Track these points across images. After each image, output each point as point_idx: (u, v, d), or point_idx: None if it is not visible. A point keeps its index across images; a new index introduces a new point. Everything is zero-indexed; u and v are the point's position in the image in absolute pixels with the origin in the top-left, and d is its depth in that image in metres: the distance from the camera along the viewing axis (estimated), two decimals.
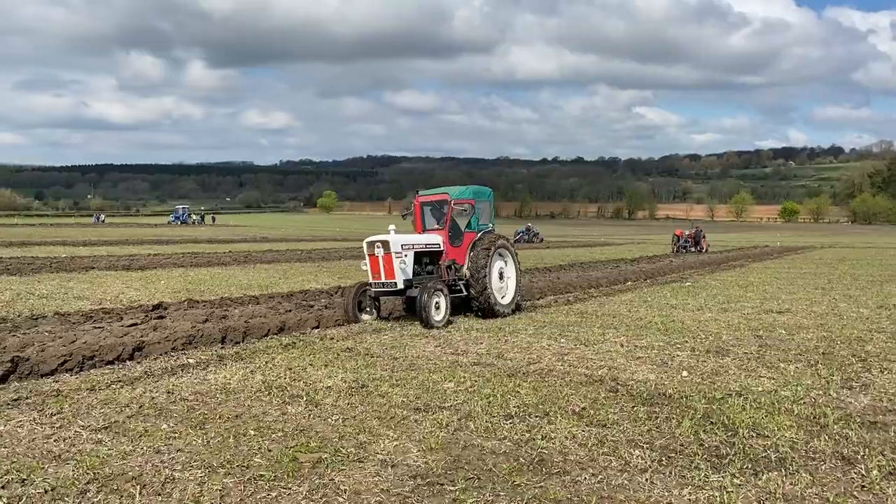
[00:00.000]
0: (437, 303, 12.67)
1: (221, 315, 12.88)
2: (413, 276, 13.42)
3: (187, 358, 9.77)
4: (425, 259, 14.03)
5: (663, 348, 10.88)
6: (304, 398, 7.63)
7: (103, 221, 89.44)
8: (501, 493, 5.14)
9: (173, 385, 8.17)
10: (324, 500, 4.98)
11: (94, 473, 5.36)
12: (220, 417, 6.94)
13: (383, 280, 13.18)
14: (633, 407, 7.44)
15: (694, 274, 27.06)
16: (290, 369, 9.06)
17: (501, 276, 14.54)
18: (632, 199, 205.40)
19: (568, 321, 13.65)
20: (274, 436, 6.35)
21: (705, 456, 5.98)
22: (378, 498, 5.04)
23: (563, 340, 11.43)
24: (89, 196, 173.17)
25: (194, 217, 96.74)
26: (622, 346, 11.04)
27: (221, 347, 10.54)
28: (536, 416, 7.03)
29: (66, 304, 14.66)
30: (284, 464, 5.61)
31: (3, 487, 5.07)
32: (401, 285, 13.12)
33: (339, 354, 10.06)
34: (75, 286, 18.41)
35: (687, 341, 11.52)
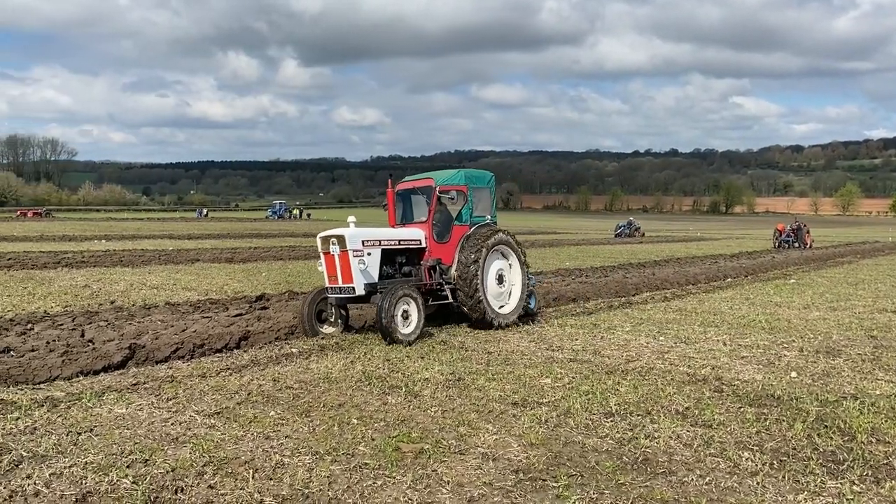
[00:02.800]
0: (404, 311, 10.37)
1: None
2: (382, 278, 11.11)
3: (290, 347, 10.10)
4: (400, 258, 11.66)
5: (769, 348, 10.45)
6: (403, 389, 7.75)
7: (206, 216, 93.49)
8: (606, 492, 5.07)
9: (278, 373, 8.47)
10: (427, 490, 5.05)
11: (210, 457, 5.62)
12: (323, 405, 7.14)
13: (340, 284, 10.78)
14: (740, 408, 7.18)
15: (798, 270, 25.85)
16: (388, 360, 9.22)
17: (501, 280, 12.13)
18: (729, 193, 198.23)
19: (666, 318, 13.31)
20: (376, 425, 6.48)
21: (820, 461, 5.71)
22: (481, 491, 5.06)
23: (661, 338, 11.15)
24: (192, 191, 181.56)
25: (295, 212, 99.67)
26: (725, 344, 10.67)
27: (322, 337, 10.83)
28: (638, 415, 6.89)
29: (175, 295, 15.44)
30: (388, 453, 5.72)
31: (128, 467, 5.39)
32: (361, 291, 10.63)
33: (434, 347, 10.17)
34: (183, 277, 19.36)
35: (794, 341, 11.02)
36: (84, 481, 5.10)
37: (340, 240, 10.71)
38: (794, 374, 8.73)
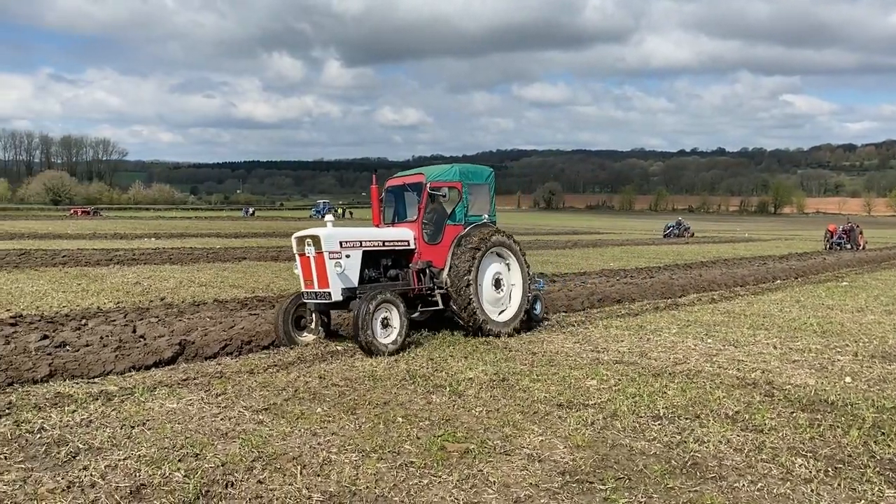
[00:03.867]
0: (384, 319, 9.54)
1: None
2: (364, 282, 10.29)
3: (336, 345, 10.20)
4: (386, 260, 10.79)
5: (821, 352, 10.18)
6: (447, 388, 7.76)
7: (252, 214, 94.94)
8: (654, 496, 5.00)
9: (324, 371, 8.56)
10: (473, 490, 5.04)
11: (259, 452, 5.71)
12: (369, 403, 7.19)
13: (316, 289, 9.99)
14: (793, 413, 7.01)
15: (851, 273, 25.14)
16: (432, 359, 9.25)
17: (498, 285, 11.21)
18: (778, 193, 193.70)
19: (714, 320, 13.07)
20: (421, 424, 6.50)
21: (878, 469, 5.54)
22: (527, 492, 5.04)
23: (709, 340, 10.95)
24: (238, 191, 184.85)
25: (339, 211, 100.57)
26: (775, 348, 10.43)
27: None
28: (686, 419, 6.78)
29: (223, 292, 15.73)
30: (433, 452, 5.73)
31: (180, 460, 5.51)
32: (338, 297, 9.81)
33: (477, 347, 10.15)
34: (230, 275, 19.71)
35: (848, 345, 10.72)
36: (138, 474, 5.22)
37: (315, 240, 9.87)
38: (848, 379, 8.49)
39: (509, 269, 11.46)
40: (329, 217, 10.61)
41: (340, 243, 9.95)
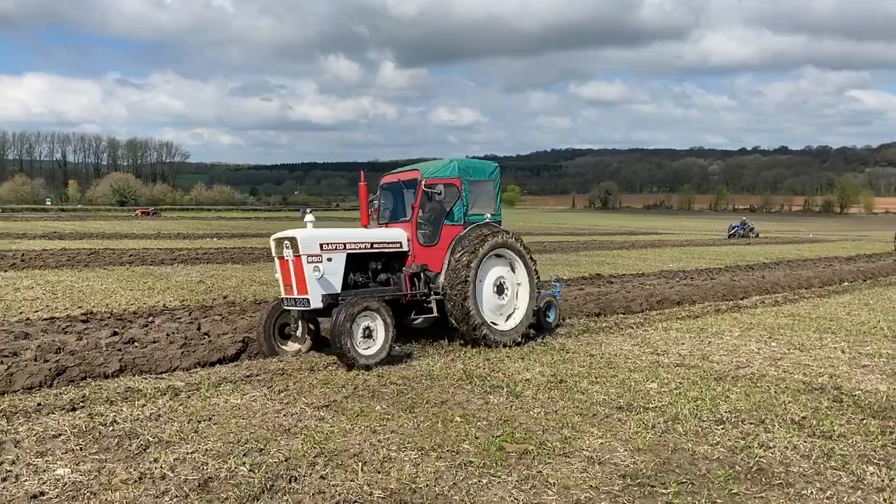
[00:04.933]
0: (366, 328, 8.82)
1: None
2: (349, 288, 9.57)
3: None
4: (375, 264, 10.02)
5: (893, 357, 9.81)
6: (505, 389, 7.75)
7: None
8: (718, 501, 4.91)
9: (382, 369, 8.65)
10: (533, 491, 5.04)
11: (321, 448, 5.81)
12: (426, 402, 7.25)
13: (295, 295, 9.31)
14: (863, 419, 6.78)
15: None
16: (488, 360, 9.25)
17: (501, 291, 10.30)
18: (844, 192, 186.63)
19: (778, 323, 12.71)
20: (479, 424, 6.52)
21: None
22: (587, 494, 5.01)
23: (773, 344, 10.67)
24: (296, 192, 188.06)
25: None
26: (843, 352, 10.09)
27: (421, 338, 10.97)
28: (751, 423, 6.62)
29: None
30: (492, 452, 5.74)
31: (245, 455, 5.65)
32: (317, 303, 9.08)
33: (534, 348, 10.12)
34: None
35: None
36: (205, 467, 5.38)
37: (293, 243, 9.18)
38: None
39: (515, 273, 10.57)
40: (309, 217, 9.69)
41: (321, 245, 9.23)
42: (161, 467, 5.36)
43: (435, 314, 9.89)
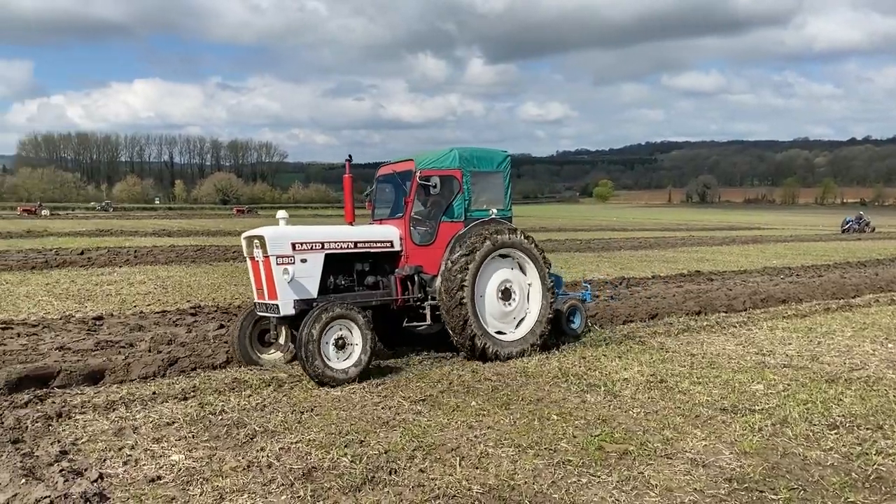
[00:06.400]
0: (338, 339, 7.94)
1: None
2: (329, 292, 8.66)
3: None
4: (362, 266, 9.08)
5: None
6: (602, 388, 7.62)
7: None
8: None
9: (477, 365, 8.68)
10: (634, 492, 4.93)
11: (419, 442, 5.89)
12: (522, 399, 7.22)
13: (266, 300, 8.47)
14: None
15: None
16: (584, 358, 9.12)
17: (508, 296, 9.23)
18: None
19: (895, 324, 11.95)
20: (576, 422, 6.44)
21: None
22: (692, 497, 4.86)
23: (891, 345, 10.04)
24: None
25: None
26: None
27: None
28: (867, 429, 6.26)
29: None
30: (591, 452, 5.66)
31: (346, 446, 5.79)
32: (288, 310, 8.21)
33: (631, 347, 9.90)
34: None
35: None
36: (309, 457, 5.56)
37: (262, 242, 8.38)
38: None
39: (526, 276, 9.45)
40: (281, 214, 8.88)
41: (293, 245, 8.34)
42: (267, 456, 5.57)
43: (429, 322, 8.97)
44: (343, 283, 8.90)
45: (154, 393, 7.44)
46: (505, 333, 9.21)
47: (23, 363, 8.29)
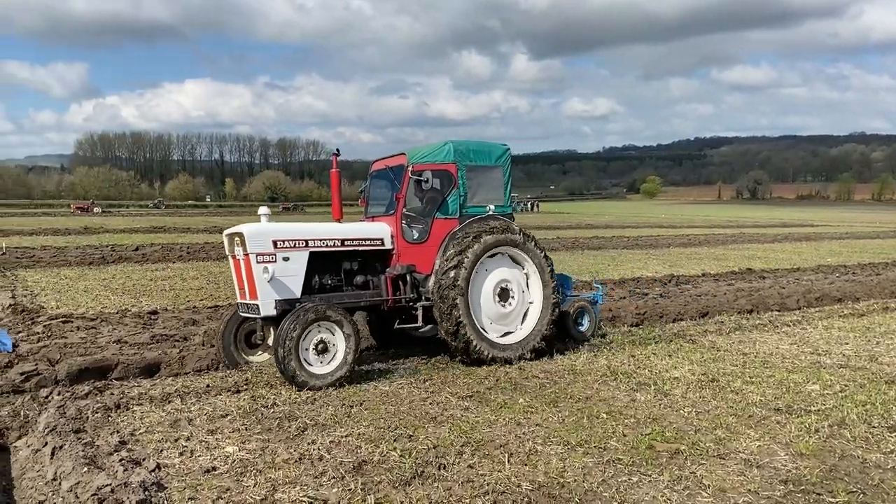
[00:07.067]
0: (319, 341, 7.61)
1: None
2: (313, 292, 8.35)
3: None
4: (350, 264, 8.74)
5: None
6: (652, 387, 7.53)
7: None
8: None
9: (524, 363, 8.65)
10: (686, 492, 4.86)
11: (467, 437, 5.91)
12: (570, 397, 7.17)
13: (247, 300, 8.14)
14: None
15: None
16: (633, 356, 9.02)
17: (506, 297, 8.83)
18: None
19: None
20: (626, 421, 6.37)
21: None
22: (746, 498, 4.77)
23: None
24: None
25: (526, 205, 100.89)
26: None
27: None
28: None
29: None
30: (641, 451, 5.60)
31: (395, 440, 5.84)
32: (269, 311, 7.90)
33: (681, 345, 9.75)
34: None
35: None
36: (359, 450, 5.62)
37: (242, 239, 8.05)
38: None
39: (526, 278, 9.02)
40: (263, 210, 8.50)
41: (274, 242, 8.02)
42: (318, 449, 5.65)
43: (419, 323, 8.60)
44: (330, 282, 8.58)
45: (208, 386, 7.61)
46: (500, 336, 8.78)
47: (83, 355, 8.57)
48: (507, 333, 8.86)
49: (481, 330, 8.54)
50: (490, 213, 9.02)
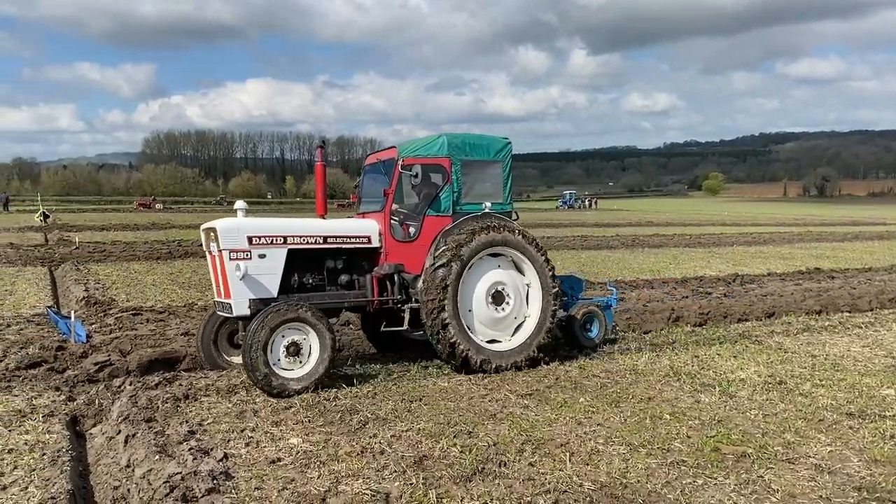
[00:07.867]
0: (291, 344, 7.28)
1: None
2: (292, 292, 7.97)
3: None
4: (334, 263, 8.29)
5: None
6: (717, 388, 7.36)
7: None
8: None
9: (584, 362, 8.58)
10: (754, 496, 4.75)
11: (527, 435, 5.89)
12: (632, 397, 7.08)
13: (222, 298, 7.79)
14: None
15: None
16: (697, 357, 8.84)
17: (499, 300, 8.33)
18: None
19: None
20: (690, 423, 6.25)
21: None
22: None
23: None
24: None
25: (584, 202, 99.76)
26: None
27: (624, 331, 10.73)
28: None
29: None
30: (706, 453, 5.49)
31: (455, 436, 5.87)
32: (242, 310, 7.51)
33: (747, 346, 9.51)
34: None
35: None
36: (419, 445, 5.66)
37: (216, 234, 7.64)
38: None
39: (524, 278, 8.55)
40: (240, 204, 8.00)
41: (249, 239, 7.60)
42: (380, 442, 5.71)
43: (406, 326, 8.14)
44: (310, 281, 8.16)
45: None
46: (493, 342, 8.29)
47: (152, 347, 8.86)
48: (503, 339, 8.40)
49: (470, 334, 8.06)
50: (486, 210, 8.50)
